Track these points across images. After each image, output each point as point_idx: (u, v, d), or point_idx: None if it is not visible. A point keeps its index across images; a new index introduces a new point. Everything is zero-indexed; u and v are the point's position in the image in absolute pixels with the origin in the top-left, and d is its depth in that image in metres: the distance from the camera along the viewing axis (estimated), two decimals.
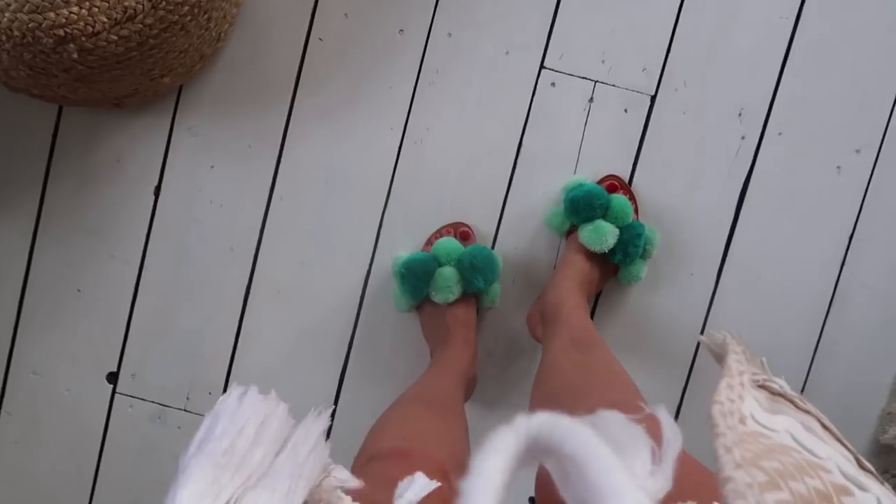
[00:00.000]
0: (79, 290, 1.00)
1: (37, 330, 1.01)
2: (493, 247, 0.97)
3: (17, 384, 1.02)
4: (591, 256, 0.91)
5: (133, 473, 1.02)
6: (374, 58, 0.96)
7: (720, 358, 0.41)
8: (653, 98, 0.96)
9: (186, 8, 0.76)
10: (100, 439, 1.02)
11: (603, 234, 0.88)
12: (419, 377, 0.88)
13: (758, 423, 0.32)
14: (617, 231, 0.89)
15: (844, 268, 0.98)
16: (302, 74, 0.97)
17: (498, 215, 0.97)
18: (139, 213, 0.99)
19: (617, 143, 0.97)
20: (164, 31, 0.75)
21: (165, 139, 0.98)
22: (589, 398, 0.61)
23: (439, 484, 0.42)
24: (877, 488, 0.29)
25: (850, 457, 0.32)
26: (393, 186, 0.97)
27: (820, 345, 0.99)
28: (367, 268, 0.98)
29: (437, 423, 0.69)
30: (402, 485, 0.40)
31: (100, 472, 1.03)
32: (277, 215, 0.98)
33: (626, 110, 0.96)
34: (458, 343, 0.89)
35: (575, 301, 0.85)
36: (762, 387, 0.36)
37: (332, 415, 1.00)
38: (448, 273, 0.89)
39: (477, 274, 0.89)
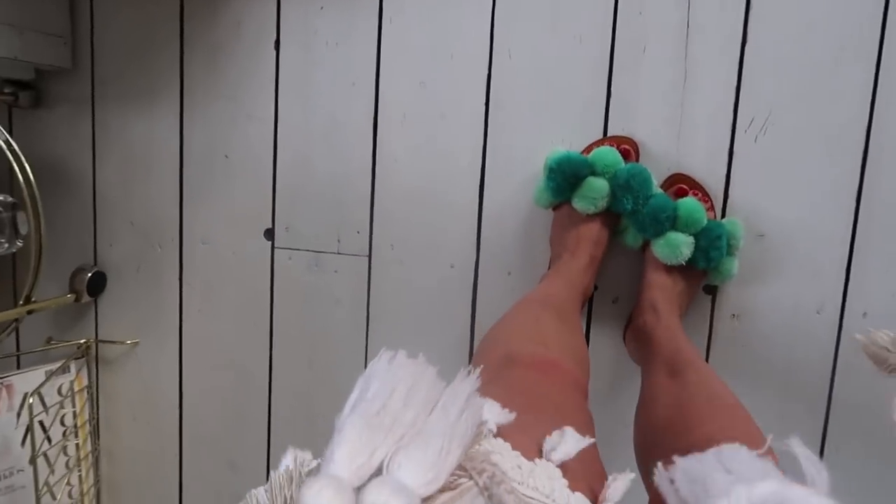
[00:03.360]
0: (226, 157, 1.06)
1: (198, 201, 1.09)
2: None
3: (192, 256, 1.11)
4: (672, 269, 0.86)
5: (302, 320, 1.07)
6: None
7: (881, 360, 0.36)
8: None
9: None
10: (268, 294, 1.08)
11: (676, 247, 0.83)
12: (543, 281, 0.87)
13: None
14: (691, 240, 0.83)
15: None
16: None
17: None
18: (265, 70, 1.03)
19: None
20: None
21: None
22: (691, 433, 0.58)
23: (592, 441, 0.42)
24: None
25: None
26: None
27: None
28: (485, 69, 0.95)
29: (570, 336, 0.68)
30: (551, 439, 0.41)
31: (274, 324, 1.08)
32: (390, 40, 0.98)
33: None
34: (584, 258, 0.86)
35: (665, 321, 0.82)
36: None
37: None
38: (599, 185, 0.85)
39: (628, 194, 0.84)
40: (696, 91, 0.89)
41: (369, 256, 1.03)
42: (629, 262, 0.93)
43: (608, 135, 0.92)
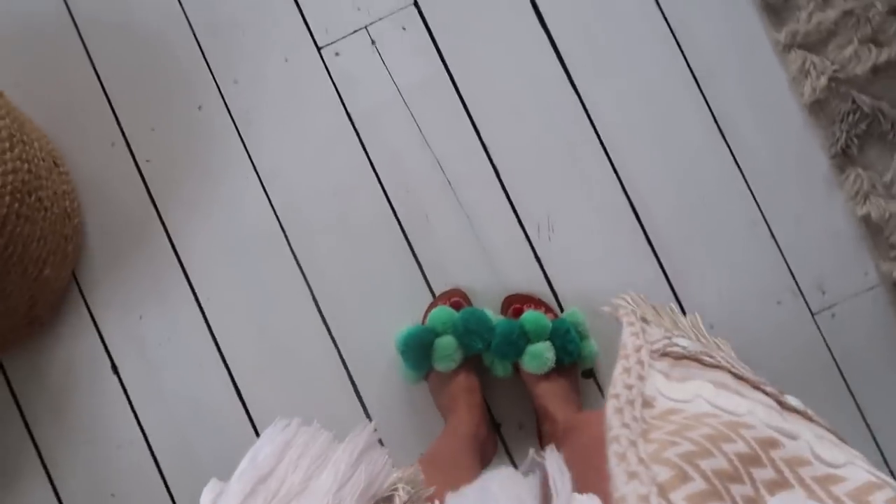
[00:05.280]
0: (113, 495, 1.04)
1: None
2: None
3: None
4: (548, 375, 0.92)
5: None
6: (195, 141, 1.04)
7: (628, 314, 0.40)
8: (416, 3, 1.03)
9: (7, 198, 0.84)
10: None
11: (541, 357, 0.90)
12: (431, 445, 0.90)
13: (668, 398, 0.31)
14: (549, 343, 0.92)
15: None
16: (156, 199, 1.04)
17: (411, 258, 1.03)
18: (114, 396, 1.04)
19: (421, 57, 1.03)
20: (2, 226, 0.83)
21: (92, 324, 1.04)
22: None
23: None
24: (806, 431, 0.28)
25: (771, 402, 0.30)
26: (293, 244, 1.03)
27: None
28: (337, 354, 1.02)
29: (434, 474, 0.69)
30: None
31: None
32: (214, 313, 1.03)
33: (403, 28, 1.03)
34: (462, 408, 0.91)
35: (563, 422, 0.86)
36: (665, 354, 0.35)
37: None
38: (446, 342, 0.92)
39: (473, 336, 0.92)
40: (483, 226, 1.01)
41: None
42: (516, 389, 0.99)
43: (437, 295, 1.01)
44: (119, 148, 1.05)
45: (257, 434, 1.02)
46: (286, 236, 1.03)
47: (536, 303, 0.99)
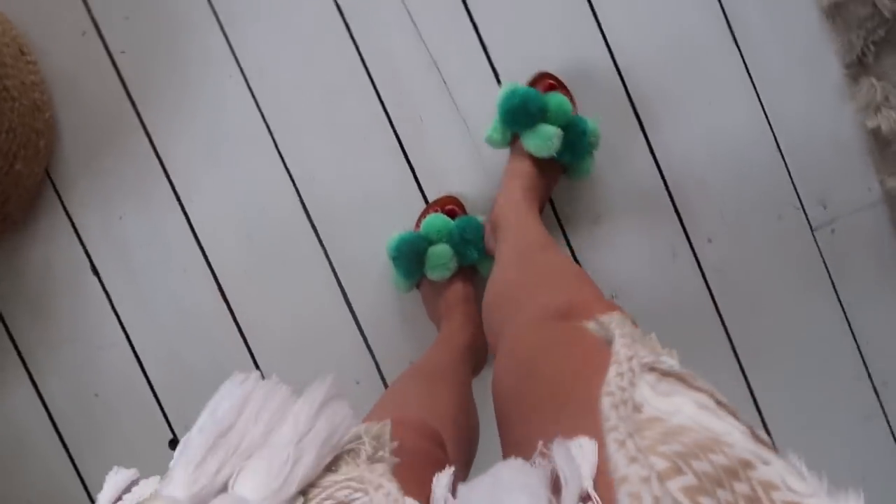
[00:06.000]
0: (96, 395, 1.02)
1: (88, 453, 1.03)
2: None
3: None
4: (538, 161, 0.88)
5: None
6: (174, 32, 0.97)
7: (610, 342, 0.41)
8: None
9: None
10: None
11: (548, 139, 0.85)
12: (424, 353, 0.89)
13: (654, 407, 0.33)
14: (560, 132, 0.86)
15: None
16: (132, 94, 0.98)
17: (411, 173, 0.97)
18: (95, 298, 1.01)
19: None
20: None
21: (70, 224, 1.00)
22: (534, 299, 0.58)
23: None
24: (777, 460, 0.30)
25: (746, 430, 0.32)
26: (279, 142, 0.98)
27: None
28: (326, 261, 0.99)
29: (436, 398, 0.69)
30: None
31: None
32: (199, 216, 0.99)
33: None
34: (457, 318, 0.89)
35: (525, 208, 0.84)
36: (652, 369, 0.36)
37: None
38: (441, 250, 0.89)
39: (469, 246, 0.89)
40: (480, 131, 0.97)
41: None
42: None
43: (430, 202, 0.97)
44: (91, 37, 0.98)
45: (244, 338, 1.01)
46: (273, 138, 0.98)
47: (568, 92, 0.93)
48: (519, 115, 0.86)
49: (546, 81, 0.92)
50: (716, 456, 0.29)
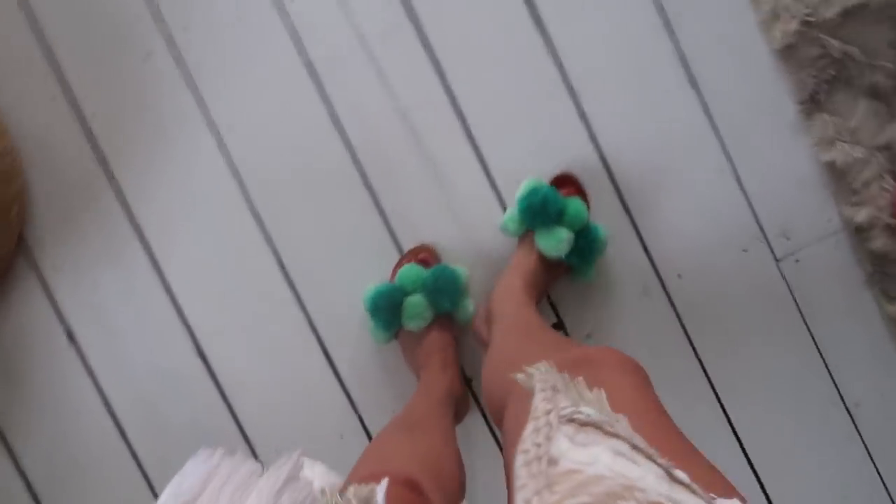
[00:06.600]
0: (76, 460, 1.01)
1: None
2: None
3: None
4: (545, 259, 0.90)
5: None
6: (144, 93, 0.98)
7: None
8: None
9: None
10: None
11: (559, 241, 0.87)
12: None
13: (570, 459, 0.34)
14: (572, 235, 0.89)
15: None
16: (105, 156, 0.98)
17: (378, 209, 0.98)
18: (71, 367, 1.00)
19: (385, 1, 0.98)
20: None
21: (43, 290, 0.99)
22: (533, 357, 0.59)
23: None
24: (690, 500, 0.31)
25: (662, 472, 0.33)
26: (254, 206, 0.99)
27: None
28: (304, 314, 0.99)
29: (416, 446, 0.69)
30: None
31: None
32: (175, 276, 0.99)
33: None
34: (436, 366, 0.90)
35: (524, 300, 0.85)
36: (571, 420, 0.37)
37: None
38: (416, 301, 0.90)
39: (443, 296, 0.90)
40: (450, 179, 0.99)
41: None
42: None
43: (404, 252, 0.99)
44: (59, 102, 0.98)
45: (223, 397, 1.00)
46: (245, 193, 0.99)
47: (585, 197, 0.95)
48: (537, 214, 0.89)
49: (568, 186, 0.95)
50: (626, 503, 0.30)
